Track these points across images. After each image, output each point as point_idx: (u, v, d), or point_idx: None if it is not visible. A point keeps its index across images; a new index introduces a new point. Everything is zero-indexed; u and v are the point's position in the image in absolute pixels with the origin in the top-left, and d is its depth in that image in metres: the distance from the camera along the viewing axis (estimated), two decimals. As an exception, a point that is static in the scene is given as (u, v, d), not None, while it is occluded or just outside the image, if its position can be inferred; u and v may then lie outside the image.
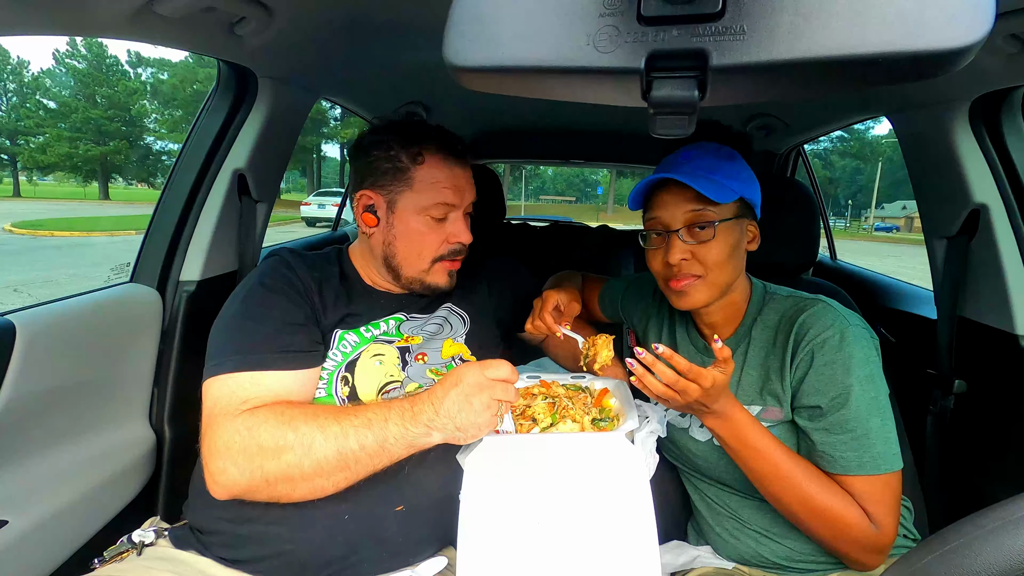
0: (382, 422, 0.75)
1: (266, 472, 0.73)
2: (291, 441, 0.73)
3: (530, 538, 0.66)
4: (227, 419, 0.76)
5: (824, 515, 0.77)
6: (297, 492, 0.75)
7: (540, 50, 0.36)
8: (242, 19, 0.88)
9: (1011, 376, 1.03)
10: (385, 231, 0.95)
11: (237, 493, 0.75)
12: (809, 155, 2.07)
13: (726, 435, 0.81)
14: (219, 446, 0.75)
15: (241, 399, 0.78)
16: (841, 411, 0.78)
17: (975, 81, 0.97)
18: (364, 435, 0.74)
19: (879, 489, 0.77)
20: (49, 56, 77.72)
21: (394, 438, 0.75)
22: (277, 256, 0.96)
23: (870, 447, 0.77)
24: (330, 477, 0.75)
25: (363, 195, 0.96)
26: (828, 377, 0.79)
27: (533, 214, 13.07)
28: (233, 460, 0.74)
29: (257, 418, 0.75)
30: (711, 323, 0.95)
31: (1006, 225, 1.04)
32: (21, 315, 0.88)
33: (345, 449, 0.74)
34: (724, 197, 0.81)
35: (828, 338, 0.80)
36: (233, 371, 0.80)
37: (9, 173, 39.47)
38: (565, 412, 0.85)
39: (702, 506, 1.00)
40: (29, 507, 0.88)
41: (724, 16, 0.33)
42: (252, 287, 0.90)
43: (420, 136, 0.94)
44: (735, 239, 0.85)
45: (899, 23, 0.31)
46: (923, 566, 0.36)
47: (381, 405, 0.77)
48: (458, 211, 0.97)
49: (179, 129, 33.22)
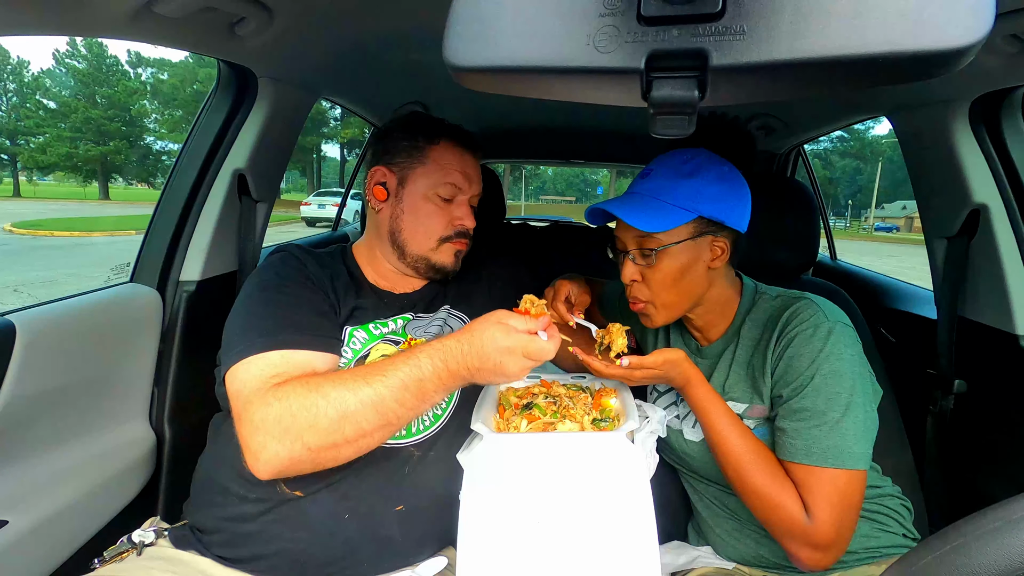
0: (418, 381, 0.74)
1: (307, 441, 0.71)
2: (322, 407, 0.72)
3: (530, 538, 0.66)
4: (259, 395, 0.74)
5: (756, 493, 0.79)
6: (343, 455, 0.74)
7: (540, 50, 0.36)
8: (242, 19, 0.88)
9: (1011, 376, 1.03)
10: (393, 206, 0.97)
11: (281, 468, 0.73)
12: (809, 155, 2.07)
13: (689, 400, 0.87)
14: (256, 422, 0.72)
15: (271, 375, 0.77)
16: (797, 399, 0.79)
17: (975, 81, 0.98)
18: (401, 393, 0.73)
19: (821, 482, 0.76)
20: (49, 56, 77.78)
21: (432, 391, 0.75)
22: (286, 251, 0.95)
23: (820, 439, 0.76)
24: (374, 435, 0.74)
25: (377, 170, 0.99)
26: (793, 368, 0.81)
27: (533, 214, 13.07)
28: (271, 434, 0.71)
29: (286, 389, 0.74)
30: (698, 327, 0.95)
31: (1006, 225, 1.04)
32: (21, 315, 0.88)
33: (384, 407, 0.73)
34: (667, 224, 0.82)
35: (801, 331, 0.81)
36: (263, 351, 0.78)
37: (9, 173, 39.49)
38: (565, 412, 0.85)
39: (701, 506, 1.00)
40: (29, 507, 0.88)
41: (724, 16, 0.33)
42: (268, 278, 0.89)
43: (439, 127, 0.99)
44: (686, 260, 0.85)
45: (899, 23, 0.31)
46: (923, 566, 0.36)
47: (412, 363, 0.75)
48: (464, 197, 0.99)
49: (179, 129, 33.26)
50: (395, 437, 0.86)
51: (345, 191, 2.71)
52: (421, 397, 0.75)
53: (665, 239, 0.84)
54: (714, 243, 0.86)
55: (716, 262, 0.87)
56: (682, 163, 0.86)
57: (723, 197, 0.84)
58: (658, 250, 0.84)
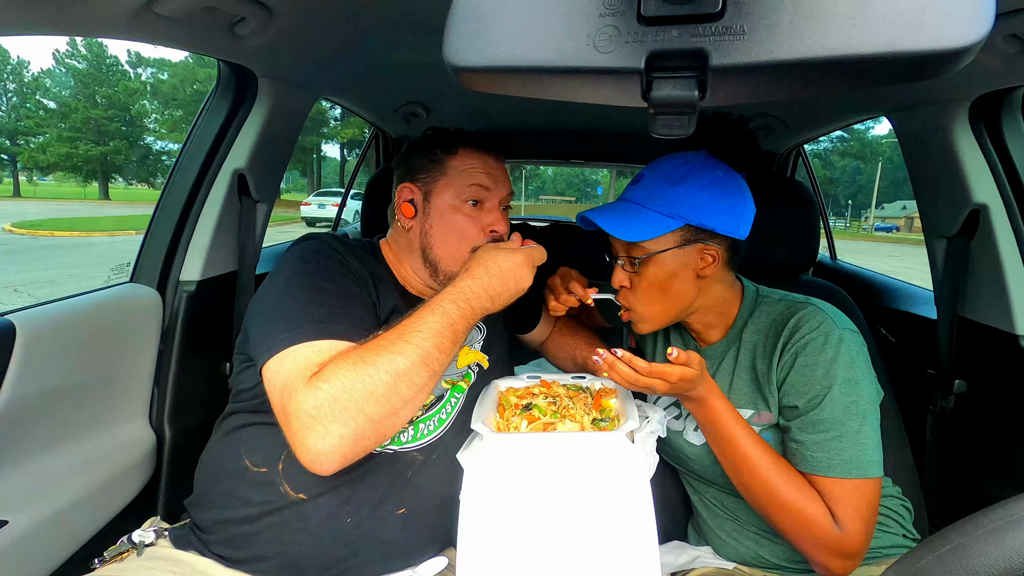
0: (450, 326, 0.79)
1: (368, 413, 0.70)
2: (375, 375, 0.71)
3: (530, 538, 0.66)
4: (305, 384, 0.71)
5: (786, 508, 0.77)
6: (402, 418, 0.75)
7: (540, 50, 0.36)
8: (242, 19, 0.88)
9: (1011, 376, 1.03)
10: (422, 221, 0.95)
11: (346, 451, 0.70)
12: (809, 155, 2.07)
13: (702, 420, 0.82)
14: (309, 410, 0.69)
15: (317, 364, 0.73)
16: (816, 411, 0.78)
17: (975, 81, 0.97)
18: (438, 340, 0.77)
19: (848, 493, 0.76)
20: (49, 56, 77.73)
21: (463, 332, 0.81)
22: (320, 240, 0.90)
23: (842, 450, 0.76)
24: (426, 389, 0.77)
25: (404, 188, 0.97)
26: (808, 378, 0.79)
27: (533, 214, 13.06)
28: (331, 416, 0.69)
29: (331, 369, 0.71)
30: (696, 329, 0.95)
31: (1006, 225, 1.03)
32: (21, 315, 0.88)
33: (430, 358, 0.76)
34: (650, 233, 0.82)
35: (812, 339, 0.80)
36: (314, 339, 0.75)
37: (9, 173, 39.47)
38: (565, 412, 0.85)
39: (701, 507, 1.00)
40: (29, 507, 0.88)
41: (724, 16, 0.33)
42: (306, 264, 0.84)
43: (457, 136, 0.98)
44: (672, 269, 0.84)
45: (899, 23, 0.31)
46: (923, 566, 0.36)
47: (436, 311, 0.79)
48: (493, 200, 0.96)
49: (179, 129, 33.21)
50: (400, 442, 0.86)
51: (345, 191, 2.71)
52: (455, 339, 0.80)
53: (651, 247, 0.83)
54: (704, 251, 0.84)
55: (707, 270, 0.85)
56: (672, 169, 0.84)
57: (713, 203, 0.82)
58: (642, 258, 0.84)
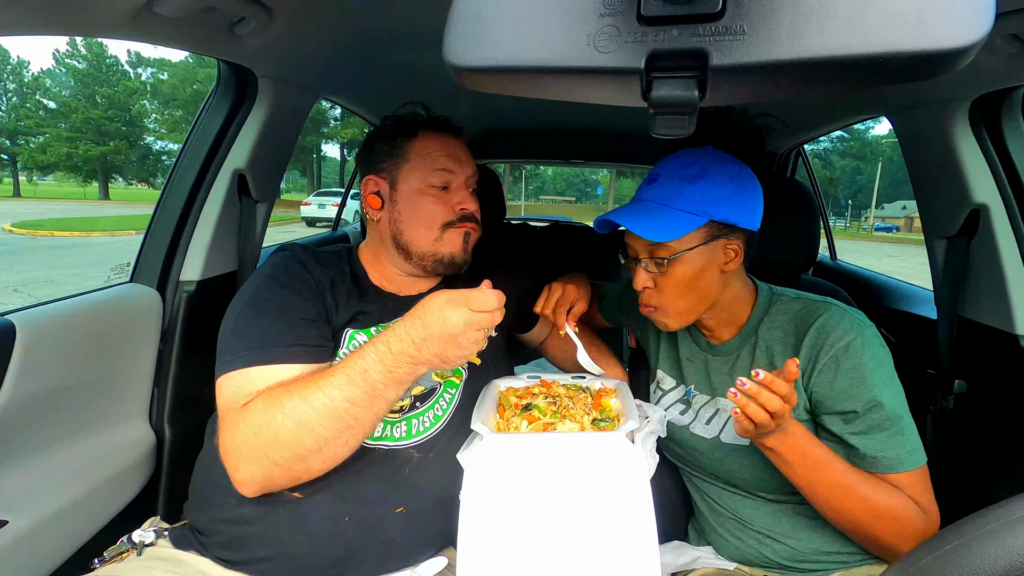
0: (362, 373, 0.73)
1: (273, 458, 0.73)
2: (281, 420, 0.72)
3: (530, 538, 0.66)
4: (230, 417, 0.76)
5: (888, 515, 0.77)
6: (315, 466, 0.75)
7: (540, 50, 0.36)
8: (242, 19, 0.88)
9: (1011, 376, 1.03)
10: (390, 210, 0.96)
11: (259, 486, 0.75)
12: (809, 155, 2.07)
13: (786, 451, 0.77)
14: (226, 445, 0.75)
15: (248, 393, 0.78)
16: (878, 412, 0.79)
17: (975, 81, 0.97)
18: (349, 391, 0.73)
19: (920, 480, 0.79)
20: (49, 56, 77.66)
21: (381, 384, 0.74)
22: (288, 251, 0.95)
23: (906, 442, 0.79)
24: (336, 441, 0.74)
25: (368, 181, 0.98)
26: (858, 381, 0.79)
27: (533, 214, 13.07)
28: (241, 455, 0.74)
29: (251, 408, 0.75)
30: (709, 326, 0.95)
31: (1006, 225, 1.03)
32: (21, 315, 0.88)
33: (337, 410, 0.72)
34: (677, 232, 0.81)
35: (851, 342, 0.80)
36: (244, 367, 0.79)
37: (9, 173, 39.46)
38: (565, 412, 0.85)
39: (703, 506, 1.00)
40: (29, 507, 0.88)
41: (724, 16, 0.33)
42: (263, 281, 0.89)
43: (415, 121, 0.99)
44: (700, 266, 0.84)
45: (899, 23, 0.31)
46: (923, 566, 0.36)
47: (357, 356, 0.75)
48: (459, 179, 0.97)
49: (179, 129, 33.24)
50: (393, 438, 0.86)
51: (345, 191, 2.71)
52: (370, 391, 0.73)
53: (677, 247, 0.83)
54: (727, 245, 0.85)
55: (730, 264, 0.86)
56: (688, 166, 0.84)
57: (733, 198, 0.83)
58: (670, 258, 0.83)
